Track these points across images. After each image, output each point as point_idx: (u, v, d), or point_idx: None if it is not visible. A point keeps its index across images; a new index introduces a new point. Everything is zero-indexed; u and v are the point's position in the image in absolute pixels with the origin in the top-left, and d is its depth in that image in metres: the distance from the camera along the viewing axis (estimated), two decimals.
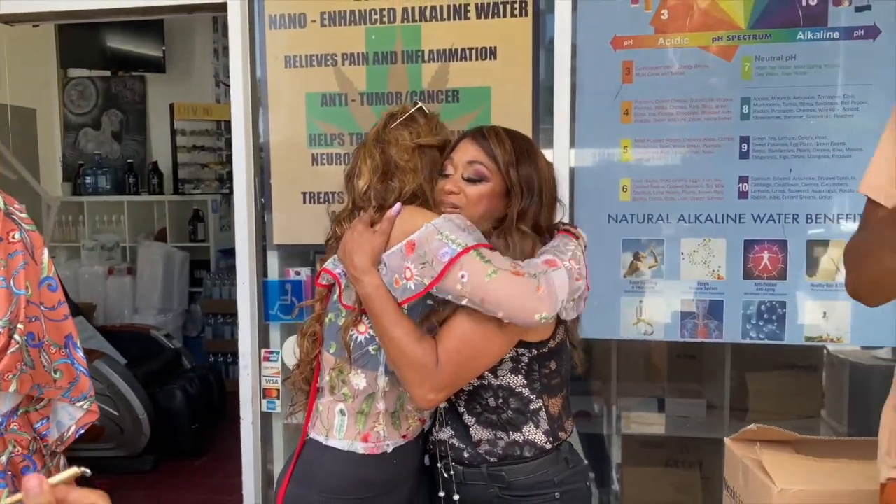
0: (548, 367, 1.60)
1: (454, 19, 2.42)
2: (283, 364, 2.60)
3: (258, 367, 2.62)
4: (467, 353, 1.46)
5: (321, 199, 2.53)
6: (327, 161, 2.52)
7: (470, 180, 1.56)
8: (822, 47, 2.26)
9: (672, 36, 2.34)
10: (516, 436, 1.58)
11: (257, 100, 2.56)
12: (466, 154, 1.58)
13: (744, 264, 2.33)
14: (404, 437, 1.62)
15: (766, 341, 2.34)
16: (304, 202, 2.55)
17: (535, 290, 1.38)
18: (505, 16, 2.39)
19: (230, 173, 6.45)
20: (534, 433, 1.59)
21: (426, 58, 2.44)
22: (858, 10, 2.23)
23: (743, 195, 2.32)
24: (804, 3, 2.26)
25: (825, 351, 2.83)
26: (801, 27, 2.26)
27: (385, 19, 2.47)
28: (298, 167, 2.54)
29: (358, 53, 2.48)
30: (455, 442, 1.62)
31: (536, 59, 2.35)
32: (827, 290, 2.27)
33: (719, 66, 2.31)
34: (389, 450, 1.59)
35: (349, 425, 1.57)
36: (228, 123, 7.05)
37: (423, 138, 1.63)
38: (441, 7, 2.42)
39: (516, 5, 2.38)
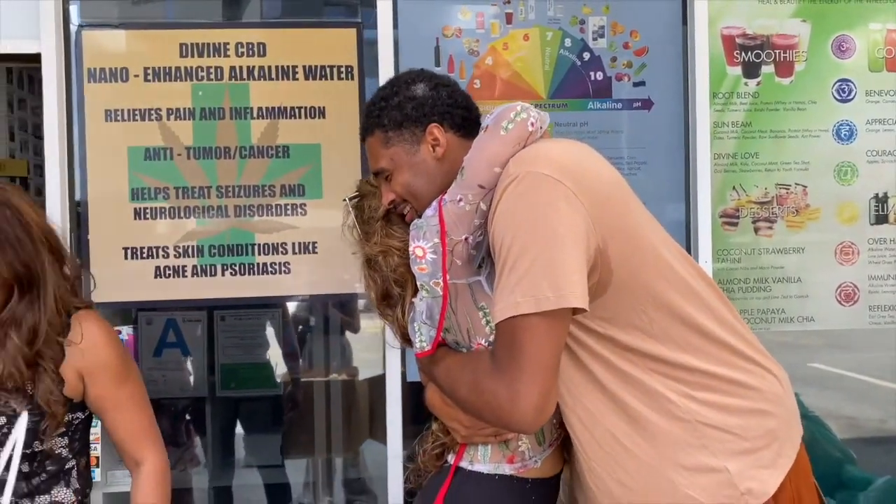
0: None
1: (282, 79, 2.52)
2: None
3: None
4: None
5: (144, 255, 2.48)
6: (151, 215, 2.49)
7: None
8: (609, 115, 2.63)
9: (483, 103, 2.57)
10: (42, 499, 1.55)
11: (73, 154, 2.48)
12: None
13: None
14: (551, 445, 1.48)
15: None
16: (126, 258, 2.48)
17: None
18: (332, 78, 2.53)
19: None
20: (63, 493, 1.57)
21: (255, 114, 2.51)
22: (636, 85, 2.63)
23: None
24: (592, 78, 2.62)
25: None
26: (591, 98, 2.62)
27: (212, 77, 2.51)
28: (119, 222, 2.47)
29: (184, 108, 2.49)
30: None
31: None
32: None
33: None
34: (537, 464, 1.44)
35: (493, 447, 1.44)
36: (25, 180, 6.45)
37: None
38: (269, 67, 2.51)
39: (342, 70, 2.53)
